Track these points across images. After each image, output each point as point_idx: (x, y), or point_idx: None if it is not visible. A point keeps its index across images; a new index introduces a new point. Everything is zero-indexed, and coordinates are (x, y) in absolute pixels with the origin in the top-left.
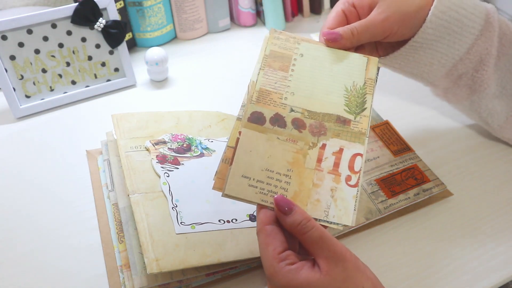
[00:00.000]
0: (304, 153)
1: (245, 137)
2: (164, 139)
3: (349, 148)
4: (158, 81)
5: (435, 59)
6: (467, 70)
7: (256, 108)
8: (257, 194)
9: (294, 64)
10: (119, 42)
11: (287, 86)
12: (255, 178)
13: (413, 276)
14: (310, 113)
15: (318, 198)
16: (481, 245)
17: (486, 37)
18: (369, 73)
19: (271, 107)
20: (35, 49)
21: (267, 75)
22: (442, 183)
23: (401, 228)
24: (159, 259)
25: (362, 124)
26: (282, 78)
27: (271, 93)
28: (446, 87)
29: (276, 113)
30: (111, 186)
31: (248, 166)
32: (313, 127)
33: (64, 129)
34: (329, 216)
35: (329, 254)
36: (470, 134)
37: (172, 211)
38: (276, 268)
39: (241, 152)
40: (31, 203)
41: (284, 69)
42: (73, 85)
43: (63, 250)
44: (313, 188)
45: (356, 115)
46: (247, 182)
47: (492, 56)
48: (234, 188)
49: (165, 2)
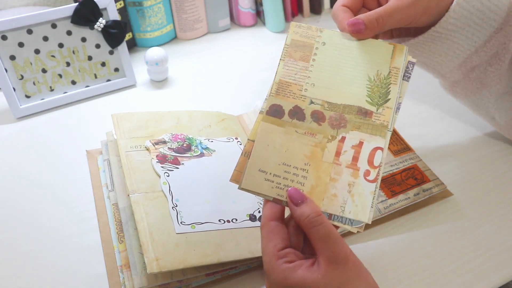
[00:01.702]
0: (322, 147)
1: (263, 131)
2: (164, 139)
3: (369, 142)
4: (158, 81)
5: (451, 50)
6: (481, 62)
7: (275, 100)
8: (273, 189)
9: (316, 54)
10: (119, 42)
11: (307, 77)
12: (271, 172)
13: (413, 276)
14: (330, 105)
15: (335, 193)
16: (481, 245)
17: (506, 31)
18: (395, 62)
19: (291, 99)
20: (35, 49)
21: (287, 66)
22: (442, 183)
23: (401, 228)
24: (159, 259)
25: (385, 116)
26: (302, 69)
27: (290, 84)
28: (456, 80)
29: (295, 106)
30: (111, 186)
31: (265, 160)
32: (332, 120)
33: (64, 129)
34: (345, 212)
35: (332, 254)
36: (470, 134)
37: (172, 211)
38: (273, 264)
39: (258, 146)
40: (31, 203)
41: (305, 59)
42: (73, 85)
43: (63, 250)
44: (330, 182)
45: (379, 106)
46: (263, 177)
47: (508, 52)
48: (250, 182)
49: (165, 2)
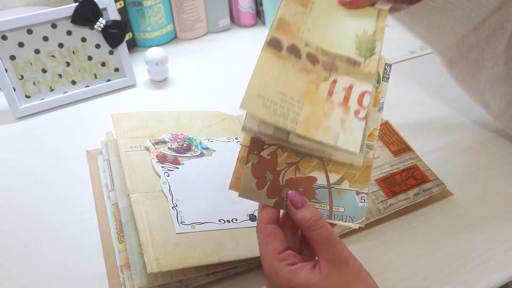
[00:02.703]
0: (316, 84)
1: (263, 59)
2: (164, 139)
3: (358, 86)
4: (158, 81)
5: (449, 23)
6: (478, 41)
7: (276, 34)
8: (271, 115)
9: (313, 3)
10: (119, 42)
11: (305, 21)
12: (269, 98)
13: (413, 276)
14: (323, 51)
15: (328, 126)
16: (481, 245)
17: (505, 10)
18: (379, 23)
19: (289, 37)
20: (35, 49)
21: (288, 5)
22: (442, 183)
23: (401, 228)
24: (159, 259)
25: (372, 67)
26: (301, 13)
27: (289, 23)
28: (454, 60)
29: (293, 44)
30: (111, 186)
31: (263, 86)
32: (325, 63)
33: (64, 129)
34: (338, 142)
35: (333, 257)
36: (470, 134)
37: (172, 211)
38: (276, 267)
39: (258, 72)
40: (31, 203)
41: (303, 4)
42: (73, 85)
43: (63, 250)
44: (323, 116)
45: (366, 58)
46: (262, 102)
47: (506, 32)
48: (249, 105)
49: (165, 2)
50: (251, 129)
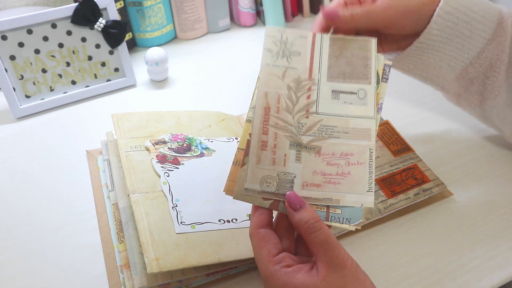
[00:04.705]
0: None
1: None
2: (164, 139)
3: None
4: (158, 81)
5: (444, 62)
6: (478, 75)
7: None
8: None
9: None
10: (119, 42)
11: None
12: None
13: (413, 276)
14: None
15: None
16: (481, 245)
17: (498, 42)
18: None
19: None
20: (35, 49)
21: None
22: (442, 183)
23: (401, 228)
24: (159, 259)
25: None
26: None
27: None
28: (458, 92)
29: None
30: (111, 186)
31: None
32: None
33: (64, 129)
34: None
35: (330, 259)
36: (470, 134)
37: (172, 211)
38: (271, 270)
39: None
40: (31, 203)
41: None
42: (73, 85)
43: (63, 250)
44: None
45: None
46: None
47: (503, 63)
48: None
49: (165, 2)
50: (254, 191)
